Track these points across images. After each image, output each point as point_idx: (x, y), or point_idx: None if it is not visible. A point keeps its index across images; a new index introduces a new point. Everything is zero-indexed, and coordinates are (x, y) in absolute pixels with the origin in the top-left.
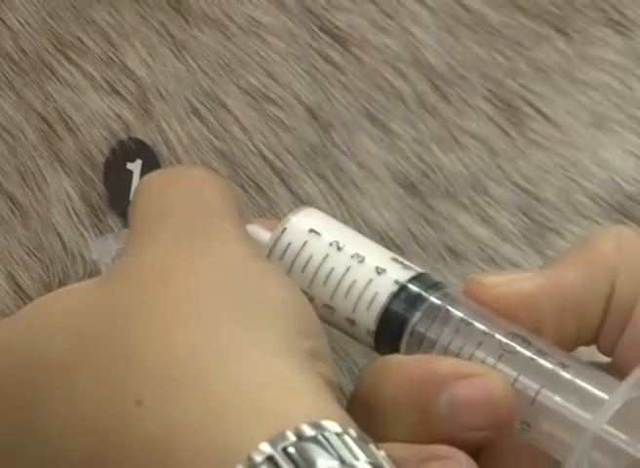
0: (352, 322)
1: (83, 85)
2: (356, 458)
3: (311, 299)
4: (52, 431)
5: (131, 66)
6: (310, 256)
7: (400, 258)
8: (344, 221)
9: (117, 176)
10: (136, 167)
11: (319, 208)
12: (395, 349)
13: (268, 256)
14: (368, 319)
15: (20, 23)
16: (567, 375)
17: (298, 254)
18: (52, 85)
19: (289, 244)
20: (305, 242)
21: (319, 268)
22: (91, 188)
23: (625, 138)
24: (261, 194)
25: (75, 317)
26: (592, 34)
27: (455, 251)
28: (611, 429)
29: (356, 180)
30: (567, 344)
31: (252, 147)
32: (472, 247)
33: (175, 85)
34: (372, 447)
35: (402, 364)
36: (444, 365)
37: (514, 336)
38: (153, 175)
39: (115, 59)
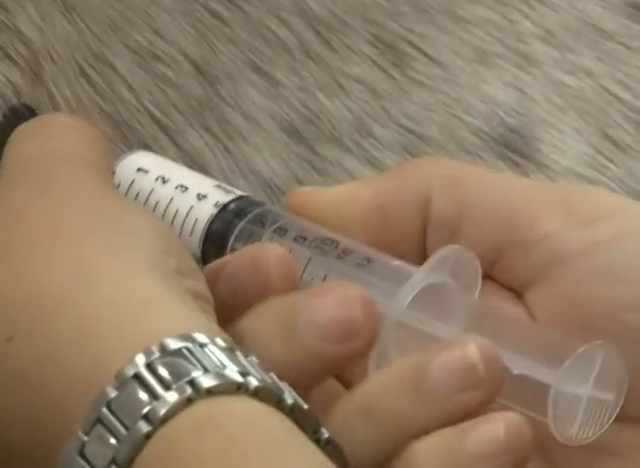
0: None
1: None
2: (221, 367)
3: None
4: None
5: (24, 31)
6: (138, 193)
7: (224, 185)
8: (231, 172)
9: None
10: None
11: (205, 160)
12: None
13: None
14: (193, 244)
15: None
16: (371, 269)
17: (127, 193)
18: None
19: (118, 184)
20: (133, 180)
21: (146, 203)
22: None
23: (507, 71)
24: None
25: None
26: None
27: None
28: (411, 312)
29: (242, 131)
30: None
31: (139, 106)
32: None
33: (64, 47)
34: (239, 354)
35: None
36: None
37: (324, 240)
38: (25, 125)
39: (8, 24)
